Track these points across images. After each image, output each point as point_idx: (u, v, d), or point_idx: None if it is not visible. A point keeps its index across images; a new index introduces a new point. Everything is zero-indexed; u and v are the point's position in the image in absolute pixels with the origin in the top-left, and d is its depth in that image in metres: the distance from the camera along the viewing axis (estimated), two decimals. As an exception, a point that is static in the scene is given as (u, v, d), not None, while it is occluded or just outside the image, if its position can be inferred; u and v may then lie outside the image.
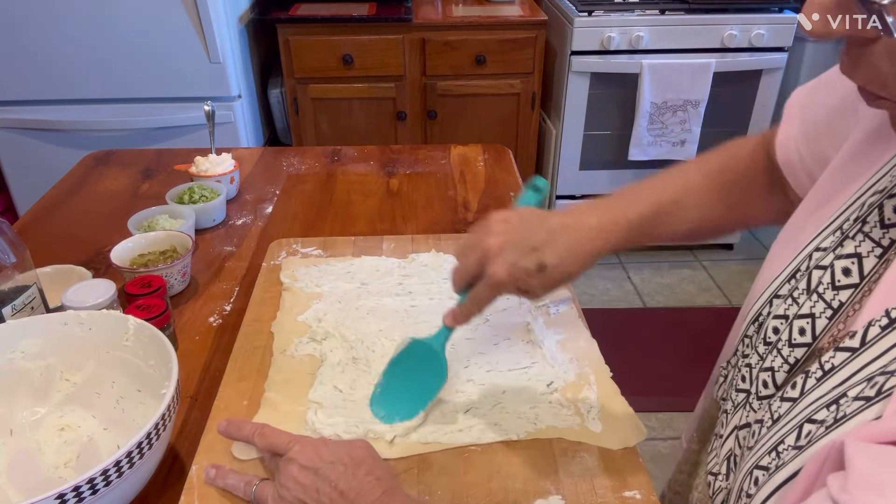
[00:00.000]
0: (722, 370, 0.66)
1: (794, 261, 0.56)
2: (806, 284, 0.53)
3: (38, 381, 0.74)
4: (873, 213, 0.49)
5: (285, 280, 0.97)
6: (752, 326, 0.59)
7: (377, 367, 0.80)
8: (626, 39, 2.26)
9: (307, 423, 0.72)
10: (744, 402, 0.58)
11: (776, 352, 0.54)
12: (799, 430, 0.47)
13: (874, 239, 0.49)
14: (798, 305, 0.53)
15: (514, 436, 0.71)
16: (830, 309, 0.50)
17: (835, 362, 0.46)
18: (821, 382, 0.47)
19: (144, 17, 1.94)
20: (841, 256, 0.50)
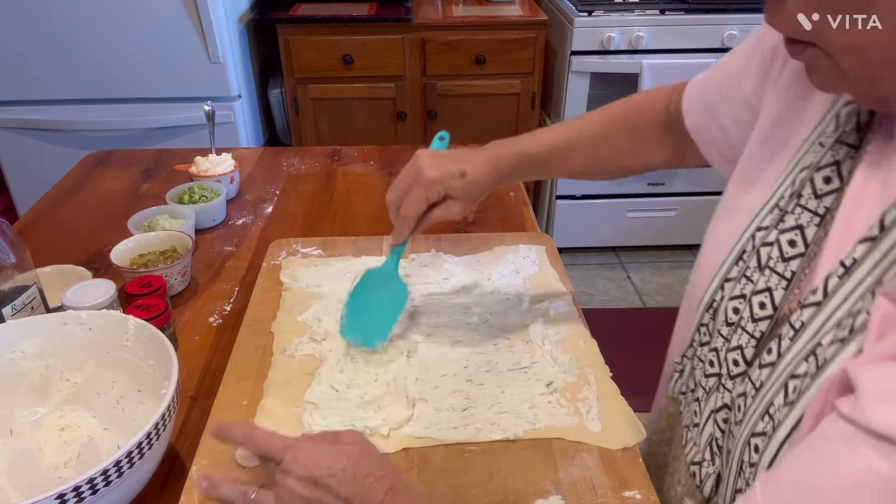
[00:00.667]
0: (676, 366, 0.71)
1: (737, 244, 0.60)
2: (756, 262, 0.58)
3: (38, 381, 0.74)
4: (806, 187, 0.55)
5: (285, 280, 0.97)
6: (707, 314, 0.63)
7: (375, 367, 0.80)
8: (626, 39, 2.26)
9: (304, 424, 0.72)
10: (716, 385, 0.61)
11: (740, 330, 0.58)
12: (785, 388, 0.50)
13: (811, 209, 0.54)
14: (753, 283, 0.58)
15: (513, 435, 0.71)
16: (785, 280, 0.55)
17: (804, 319, 0.50)
18: (795, 341, 0.51)
19: (144, 17, 1.94)
20: (784, 230, 0.56)
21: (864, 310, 0.45)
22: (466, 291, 0.94)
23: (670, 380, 0.72)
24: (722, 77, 0.72)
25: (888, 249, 0.45)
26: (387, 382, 0.78)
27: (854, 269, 0.47)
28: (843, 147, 0.53)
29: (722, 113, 0.71)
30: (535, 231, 1.14)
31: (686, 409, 0.68)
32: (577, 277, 2.58)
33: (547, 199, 2.61)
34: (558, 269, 1.00)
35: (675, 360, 0.71)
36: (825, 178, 0.54)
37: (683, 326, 0.70)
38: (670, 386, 0.72)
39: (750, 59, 0.67)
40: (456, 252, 1.03)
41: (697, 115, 0.76)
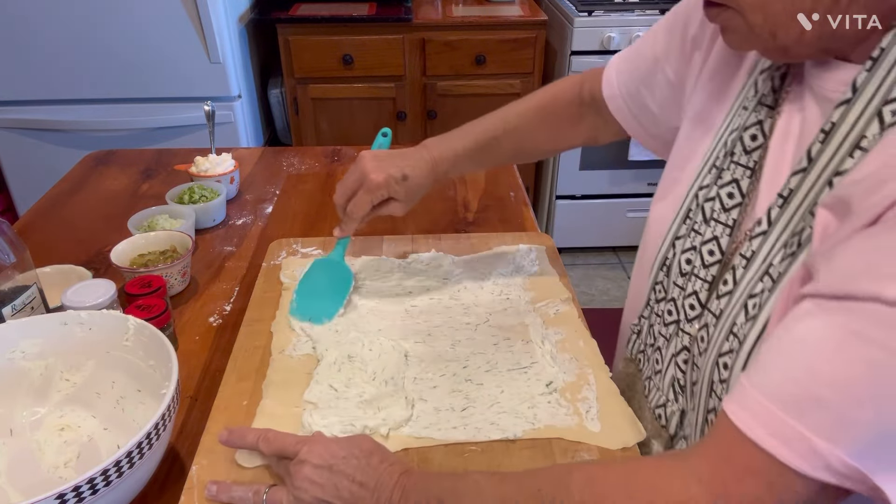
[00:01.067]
0: (633, 327, 0.77)
1: (683, 205, 0.68)
2: (701, 217, 0.66)
3: (38, 381, 0.74)
4: (737, 145, 0.64)
5: (285, 280, 0.97)
6: (661, 272, 0.71)
7: (373, 367, 0.80)
8: (626, 39, 2.26)
9: (303, 424, 0.72)
10: (675, 331, 0.68)
11: (694, 277, 0.66)
12: (745, 308, 0.57)
13: (743, 164, 0.63)
14: (701, 235, 0.66)
15: (512, 435, 0.71)
16: (728, 227, 0.63)
17: (754, 248, 0.58)
18: (748, 268, 0.58)
19: (144, 17, 1.94)
20: (723, 185, 0.64)
21: (806, 226, 0.53)
22: (466, 291, 0.94)
23: (628, 343, 0.79)
24: (642, 65, 0.80)
25: (818, 176, 0.53)
26: (385, 382, 0.78)
27: (791, 198, 0.55)
28: (764, 108, 0.62)
29: (647, 98, 0.80)
30: (535, 231, 1.14)
31: (646, 363, 0.74)
32: (577, 277, 2.58)
33: (547, 199, 2.61)
34: (558, 269, 1.00)
35: (632, 323, 0.78)
36: (752, 135, 0.63)
37: (637, 290, 0.77)
38: (628, 348, 0.78)
39: (669, 44, 0.76)
40: (456, 252, 1.03)
41: (619, 99, 0.84)
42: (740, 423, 0.48)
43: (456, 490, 0.57)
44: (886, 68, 0.49)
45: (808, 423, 0.45)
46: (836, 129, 0.51)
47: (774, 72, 0.62)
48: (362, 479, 0.59)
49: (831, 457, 0.44)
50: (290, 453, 0.63)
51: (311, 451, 0.61)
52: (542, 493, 0.54)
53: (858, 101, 0.50)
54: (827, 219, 0.49)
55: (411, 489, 0.58)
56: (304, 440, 0.63)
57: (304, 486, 0.60)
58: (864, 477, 0.45)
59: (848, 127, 0.51)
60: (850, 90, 0.51)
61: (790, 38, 0.53)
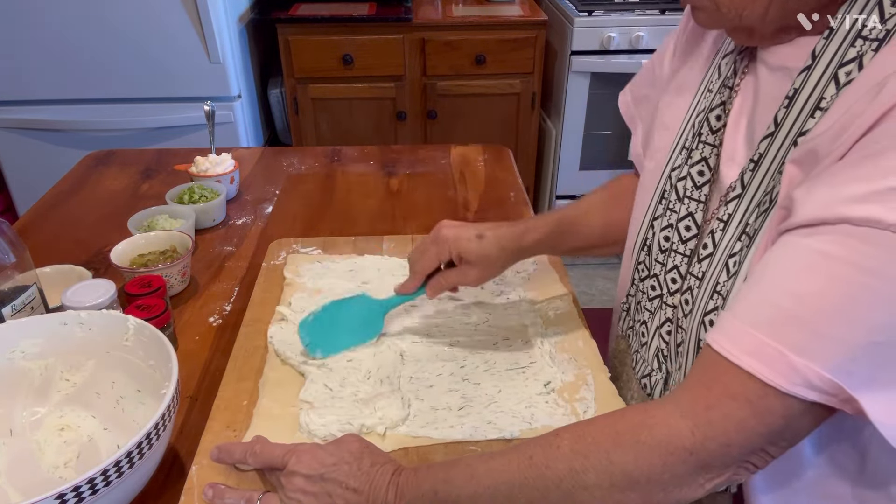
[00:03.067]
0: (622, 306, 0.80)
1: (657, 188, 0.72)
2: (675, 196, 0.69)
3: (38, 381, 0.74)
4: (704, 126, 0.67)
5: (288, 275, 0.97)
6: (643, 252, 0.74)
7: (368, 365, 0.80)
8: (626, 39, 2.26)
9: (301, 424, 0.72)
10: (659, 305, 0.71)
11: (673, 253, 0.69)
12: (726, 266, 0.60)
13: (710, 143, 0.67)
14: (676, 213, 0.69)
15: (508, 434, 0.71)
16: (701, 203, 0.67)
17: (730, 211, 0.61)
18: (726, 230, 0.61)
19: (144, 17, 1.94)
20: (693, 164, 0.68)
21: (776, 184, 0.56)
22: (466, 291, 0.94)
23: (619, 321, 0.81)
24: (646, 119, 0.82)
25: (784, 137, 0.56)
26: (380, 381, 0.78)
27: (762, 161, 0.58)
28: (726, 90, 0.66)
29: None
30: (535, 231, 1.13)
31: (634, 338, 0.77)
32: (577, 277, 2.58)
33: (547, 199, 2.61)
34: (558, 269, 1.00)
35: (620, 302, 0.81)
36: (717, 116, 0.66)
37: (624, 271, 0.79)
38: (619, 326, 0.81)
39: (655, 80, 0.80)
40: (456, 252, 1.03)
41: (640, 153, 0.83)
42: (719, 349, 0.50)
43: (449, 479, 0.57)
44: (842, 36, 0.52)
45: (784, 340, 0.47)
46: (798, 94, 0.55)
47: (737, 55, 0.66)
48: (355, 485, 0.58)
49: (809, 372, 0.46)
50: (278, 464, 0.62)
51: (300, 462, 0.60)
52: (534, 460, 0.54)
53: (818, 67, 0.54)
54: (793, 172, 0.53)
55: (405, 487, 0.58)
56: (292, 450, 0.62)
57: (296, 497, 0.59)
58: (841, 391, 0.47)
59: (809, 90, 0.54)
60: (809, 58, 0.55)
61: (755, 17, 0.57)
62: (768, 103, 0.61)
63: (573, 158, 2.49)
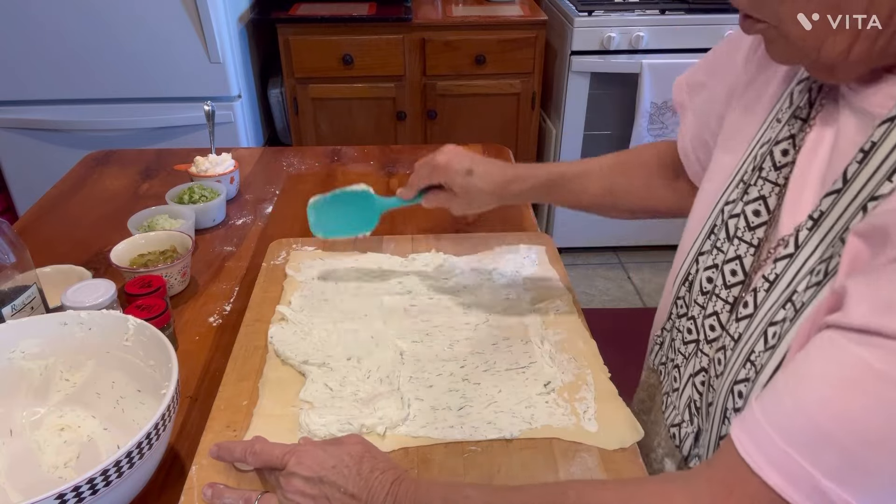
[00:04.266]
0: (657, 338, 0.76)
1: (708, 220, 0.66)
2: (725, 234, 0.63)
3: (38, 381, 0.74)
4: (766, 160, 0.60)
5: (290, 272, 0.98)
6: (683, 287, 0.69)
7: (367, 365, 0.80)
8: (626, 39, 2.26)
9: (301, 424, 0.72)
10: (694, 351, 0.66)
11: (715, 297, 0.63)
12: (764, 335, 0.54)
13: (771, 180, 0.59)
14: (724, 253, 0.63)
15: (508, 434, 0.71)
16: (752, 247, 0.60)
17: (777, 271, 0.55)
18: (770, 292, 0.55)
19: (144, 17, 1.94)
20: (749, 202, 0.61)
21: (835, 254, 0.49)
22: (466, 291, 0.94)
23: (650, 352, 0.77)
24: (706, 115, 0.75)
25: (852, 199, 0.48)
26: (379, 380, 0.78)
27: (822, 221, 0.51)
28: (798, 121, 0.58)
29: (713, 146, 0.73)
30: (535, 231, 1.14)
31: (666, 378, 0.73)
32: (577, 277, 2.58)
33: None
34: (558, 269, 1.00)
35: (655, 334, 0.76)
36: (783, 150, 0.59)
37: (663, 303, 0.75)
38: (651, 358, 0.77)
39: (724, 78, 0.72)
40: (456, 252, 1.03)
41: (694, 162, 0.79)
42: (746, 455, 0.46)
43: (447, 501, 0.57)
44: None
45: (816, 462, 0.43)
46: (876, 149, 0.47)
47: (812, 83, 0.58)
48: (354, 490, 0.58)
49: (837, 499, 0.42)
50: (278, 465, 0.62)
51: (300, 463, 0.60)
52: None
53: None
54: (858, 247, 0.46)
55: (403, 498, 0.58)
56: (292, 450, 0.62)
57: (295, 499, 0.59)
58: None
59: (889, 147, 0.46)
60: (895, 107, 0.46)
61: (836, 53, 0.49)
62: (846, 150, 0.52)
63: (573, 158, 2.49)
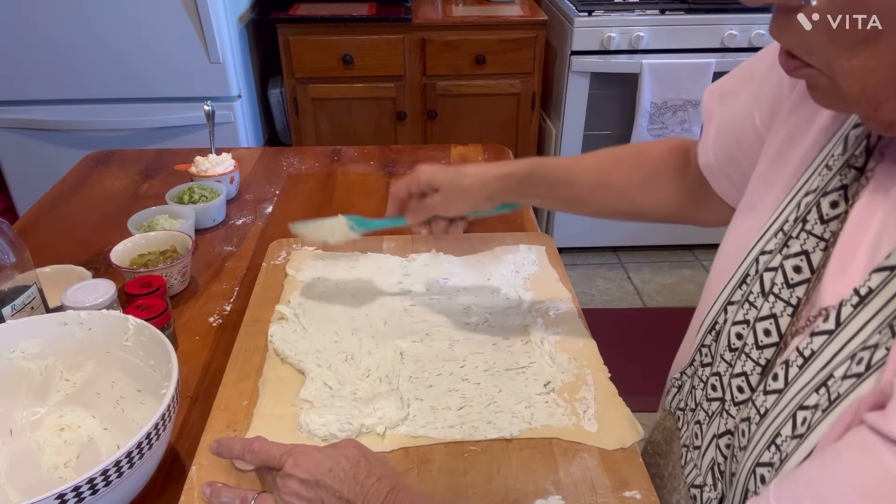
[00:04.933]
0: (675, 381, 0.69)
1: (740, 267, 0.59)
2: (759, 287, 0.56)
3: (38, 381, 0.74)
4: (812, 212, 0.53)
5: (290, 272, 0.98)
6: (709, 335, 0.62)
7: (366, 364, 0.80)
8: (626, 39, 2.26)
9: (301, 424, 0.72)
10: (719, 410, 0.60)
11: (744, 356, 0.57)
12: (793, 418, 0.48)
13: (817, 234, 0.52)
14: (757, 309, 0.56)
15: (508, 434, 0.71)
16: (790, 307, 0.53)
17: (814, 347, 0.48)
18: (804, 369, 0.49)
19: (144, 17, 1.94)
20: (789, 256, 0.54)
21: (881, 344, 0.43)
22: (466, 291, 0.94)
23: (667, 393, 0.72)
24: (736, 126, 0.68)
25: None
26: (379, 380, 0.78)
27: (869, 300, 0.45)
28: (852, 170, 0.51)
29: (743, 160, 0.67)
30: (535, 231, 1.14)
31: (685, 427, 0.67)
32: (577, 277, 2.58)
33: (547, 199, 2.61)
34: (558, 269, 1.00)
35: (674, 377, 0.70)
36: (832, 202, 0.52)
37: (687, 344, 0.69)
38: (667, 399, 0.72)
39: (761, 89, 0.65)
40: (456, 252, 1.03)
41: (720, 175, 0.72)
42: None
43: None
44: None
45: None
46: None
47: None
48: (349, 496, 0.58)
49: None
50: (275, 464, 0.62)
51: (297, 465, 0.60)
52: None
53: None
54: None
55: None
56: (290, 451, 0.61)
57: (290, 501, 0.59)
58: None
59: None
60: None
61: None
62: None
63: (573, 158, 2.49)
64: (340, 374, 0.79)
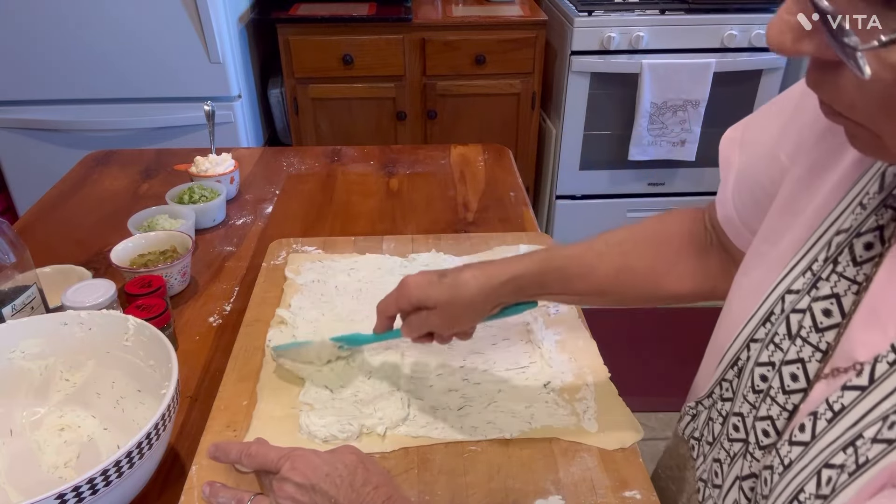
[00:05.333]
0: (689, 409, 0.67)
1: (764, 303, 0.56)
2: (786, 329, 0.53)
3: (38, 381, 0.74)
4: (844, 253, 0.50)
5: (289, 275, 0.97)
6: (731, 371, 0.59)
7: (367, 367, 0.80)
8: (626, 39, 2.26)
9: (301, 426, 0.72)
10: (742, 451, 0.58)
11: (770, 400, 0.54)
12: (818, 476, 0.46)
13: (849, 277, 0.49)
14: (783, 351, 0.53)
15: (508, 434, 0.71)
16: (819, 352, 0.50)
17: (844, 402, 0.46)
18: (832, 424, 0.46)
19: (144, 17, 1.94)
20: (818, 298, 0.51)
21: None
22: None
23: (681, 420, 0.70)
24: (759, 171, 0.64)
25: None
26: (380, 380, 0.78)
27: None
28: (889, 210, 0.48)
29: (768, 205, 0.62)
30: (535, 231, 1.14)
31: (702, 459, 0.64)
32: (577, 277, 2.58)
33: (547, 199, 2.61)
34: (558, 269, 0.99)
35: (688, 405, 0.68)
36: (866, 243, 0.48)
37: (705, 372, 0.66)
38: (680, 426, 0.70)
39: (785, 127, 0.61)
40: (456, 252, 1.03)
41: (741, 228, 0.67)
42: None
43: None
44: None
45: None
46: None
47: None
48: (344, 502, 0.57)
49: None
50: (272, 468, 0.61)
51: (294, 469, 0.59)
52: None
53: None
54: None
55: None
56: (287, 455, 0.61)
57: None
58: None
59: None
60: None
61: None
62: None
63: (573, 158, 2.50)
64: (341, 376, 0.79)
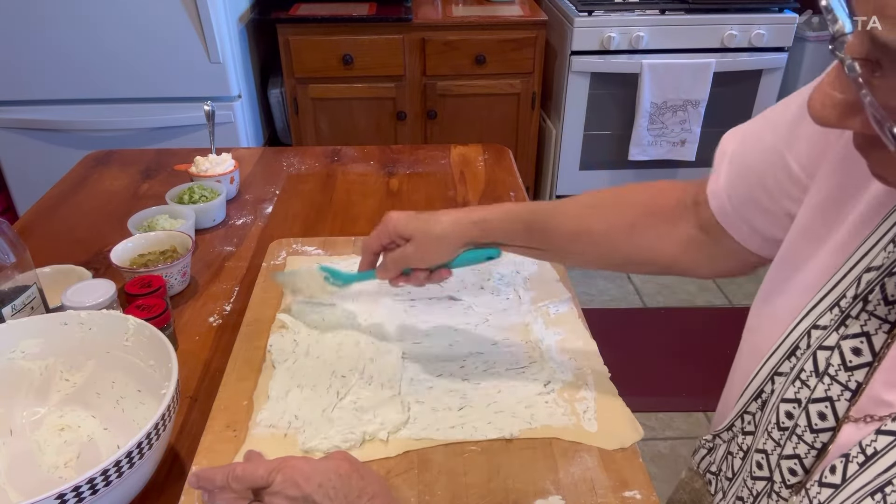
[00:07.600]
0: (706, 442, 0.66)
1: (788, 336, 0.55)
2: (813, 366, 0.52)
3: (38, 381, 0.74)
4: (875, 292, 0.48)
5: None
6: (755, 403, 0.58)
7: (369, 372, 0.79)
8: (626, 39, 2.26)
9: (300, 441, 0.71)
10: (767, 489, 0.56)
11: (797, 438, 0.53)
12: None
13: (880, 316, 0.48)
14: (810, 389, 0.52)
15: (508, 434, 0.71)
16: (849, 391, 0.49)
17: (877, 447, 0.45)
18: (864, 468, 0.46)
19: (144, 17, 1.94)
20: (847, 337, 0.49)
21: None
22: (466, 291, 0.94)
23: (696, 453, 0.68)
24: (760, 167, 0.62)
25: None
26: (381, 385, 0.78)
27: None
28: None
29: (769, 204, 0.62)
30: (535, 231, 1.13)
31: (721, 496, 0.63)
32: (577, 277, 2.58)
33: (547, 199, 2.62)
34: (558, 268, 1.00)
35: (705, 437, 0.66)
36: None
37: (726, 404, 0.65)
38: (695, 459, 0.68)
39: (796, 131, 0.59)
40: (456, 252, 1.03)
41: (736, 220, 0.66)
42: None
43: None
44: None
45: None
46: None
47: None
48: None
49: None
50: (263, 485, 0.59)
51: (286, 481, 0.57)
52: None
53: None
54: None
55: None
56: (278, 467, 0.58)
57: None
58: None
59: None
60: None
61: None
62: None
63: (573, 158, 2.50)
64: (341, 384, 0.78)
